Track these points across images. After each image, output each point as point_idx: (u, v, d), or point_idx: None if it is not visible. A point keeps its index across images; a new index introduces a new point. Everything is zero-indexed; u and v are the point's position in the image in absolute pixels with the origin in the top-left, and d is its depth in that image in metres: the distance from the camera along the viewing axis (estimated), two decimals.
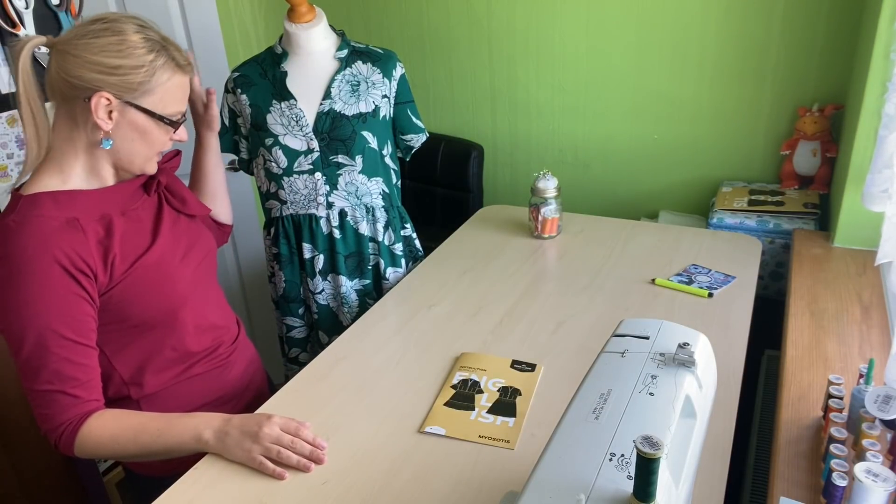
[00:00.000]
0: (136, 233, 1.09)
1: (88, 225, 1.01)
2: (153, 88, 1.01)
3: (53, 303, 0.96)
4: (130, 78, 0.98)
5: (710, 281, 1.47)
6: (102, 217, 1.04)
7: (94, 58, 0.96)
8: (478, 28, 2.25)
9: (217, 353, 1.21)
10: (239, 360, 1.26)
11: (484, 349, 1.30)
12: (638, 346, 0.76)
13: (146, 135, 1.04)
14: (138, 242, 1.08)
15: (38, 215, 0.98)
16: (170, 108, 1.04)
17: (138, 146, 1.05)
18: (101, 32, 0.97)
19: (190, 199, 1.21)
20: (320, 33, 1.53)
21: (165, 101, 1.03)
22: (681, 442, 0.68)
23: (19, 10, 1.66)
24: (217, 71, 2.28)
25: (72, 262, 0.97)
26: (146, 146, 1.05)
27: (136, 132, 1.03)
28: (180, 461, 1.06)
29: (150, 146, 1.06)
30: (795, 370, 1.19)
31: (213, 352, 1.20)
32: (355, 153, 1.55)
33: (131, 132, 1.03)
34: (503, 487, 0.96)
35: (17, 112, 1.71)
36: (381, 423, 1.11)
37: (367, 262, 1.65)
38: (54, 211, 0.99)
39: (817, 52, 1.85)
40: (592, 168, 2.26)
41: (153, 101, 1.02)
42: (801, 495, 0.92)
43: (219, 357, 1.21)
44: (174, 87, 1.03)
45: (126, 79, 0.98)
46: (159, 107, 1.03)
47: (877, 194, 1.34)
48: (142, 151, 1.06)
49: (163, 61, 1.01)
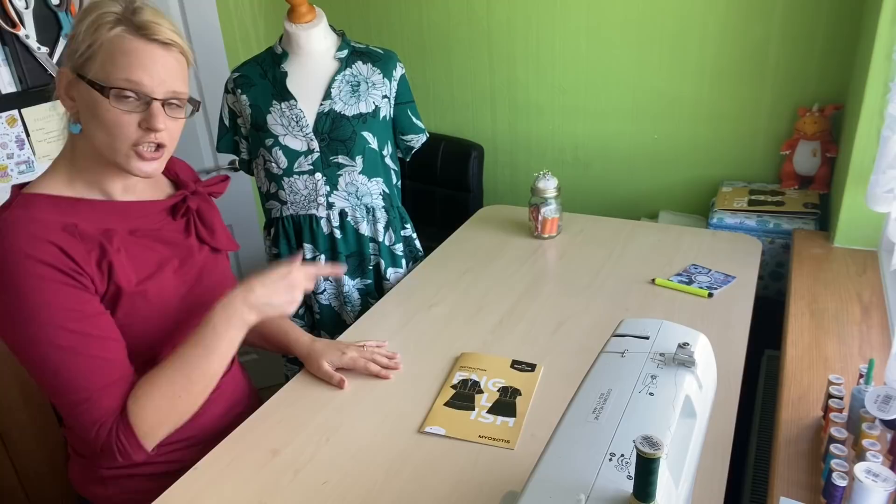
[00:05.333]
0: (142, 257, 0.99)
1: (87, 234, 0.93)
2: (94, 51, 0.87)
3: (50, 300, 0.88)
4: (76, 43, 0.88)
5: (710, 281, 1.47)
6: (105, 231, 0.95)
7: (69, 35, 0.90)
8: (478, 28, 2.25)
9: None
10: (219, 399, 1.11)
11: (484, 349, 1.30)
12: (638, 346, 0.76)
13: (96, 113, 0.89)
14: (141, 267, 0.99)
15: (30, 218, 0.90)
16: (114, 74, 0.87)
17: (96, 130, 0.91)
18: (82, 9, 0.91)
19: (219, 231, 1.11)
20: (320, 33, 1.53)
21: (105, 65, 0.87)
22: (681, 442, 0.68)
23: (19, 10, 1.66)
24: (217, 71, 2.28)
25: (62, 262, 0.89)
26: (102, 130, 0.90)
27: (88, 111, 0.90)
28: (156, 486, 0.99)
29: (106, 130, 0.90)
30: (795, 370, 1.19)
31: None
32: (355, 153, 1.55)
33: (85, 111, 0.90)
34: (503, 487, 0.96)
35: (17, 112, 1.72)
36: (381, 423, 1.11)
37: (367, 262, 1.65)
38: (51, 214, 0.92)
39: (817, 52, 1.85)
40: (592, 168, 2.26)
41: (93, 66, 0.88)
42: (801, 495, 0.92)
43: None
44: (118, 50, 0.87)
45: (73, 45, 0.88)
46: (100, 74, 0.88)
47: (881, 195, 1.34)
48: (102, 138, 0.91)
49: (110, 19, 0.87)
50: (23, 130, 1.72)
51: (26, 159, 1.73)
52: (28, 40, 1.68)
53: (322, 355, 1.24)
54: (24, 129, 1.72)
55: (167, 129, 0.94)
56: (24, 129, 1.72)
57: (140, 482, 1.05)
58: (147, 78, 0.89)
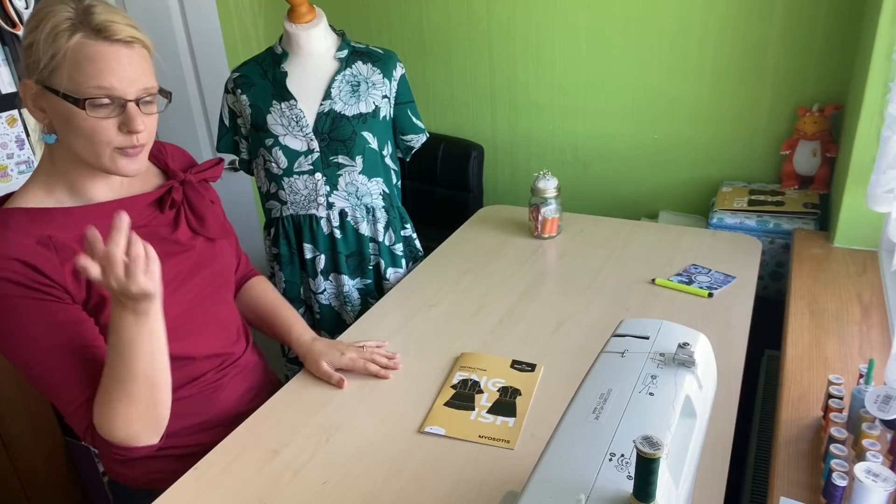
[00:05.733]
0: None
1: (63, 244, 0.92)
2: (58, 62, 0.86)
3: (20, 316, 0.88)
4: (36, 54, 0.86)
5: (710, 281, 1.47)
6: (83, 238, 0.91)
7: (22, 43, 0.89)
8: (478, 28, 2.25)
9: (207, 377, 1.12)
10: (236, 384, 1.16)
11: (484, 349, 1.30)
12: (638, 346, 0.76)
13: (72, 124, 0.88)
14: None
15: (2, 238, 0.89)
16: (84, 83, 0.86)
17: (74, 139, 0.90)
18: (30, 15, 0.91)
19: (210, 220, 1.09)
20: (320, 33, 1.53)
21: (73, 75, 0.86)
22: (681, 442, 0.68)
23: (19, 9, 1.66)
24: (217, 71, 2.28)
25: (28, 277, 0.88)
26: (82, 138, 0.89)
27: (62, 122, 0.89)
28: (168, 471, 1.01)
29: (85, 138, 0.89)
30: (795, 370, 1.19)
31: (201, 377, 1.11)
32: (355, 153, 1.55)
33: (60, 122, 0.90)
34: (503, 487, 0.96)
35: (17, 112, 1.72)
36: (381, 423, 1.11)
37: (367, 262, 1.65)
38: (24, 229, 0.91)
39: (817, 52, 1.85)
40: (592, 168, 2.26)
41: (61, 78, 0.87)
42: (801, 495, 0.92)
43: (207, 381, 1.12)
44: (82, 57, 0.86)
45: (33, 57, 0.87)
46: (70, 85, 0.87)
47: (881, 195, 1.34)
48: (83, 145, 0.90)
49: (66, 27, 0.85)
50: (23, 130, 1.72)
51: (26, 159, 1.74)
52: None
53: (321, 355, 1.24)
54: (24, 129, 1.72)
55: (146, 126, 0.93)
56: (24, 129, 1.72)
57: (162, 463, 1.08)
58: (117, 81, 0.88)
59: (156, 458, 1.05)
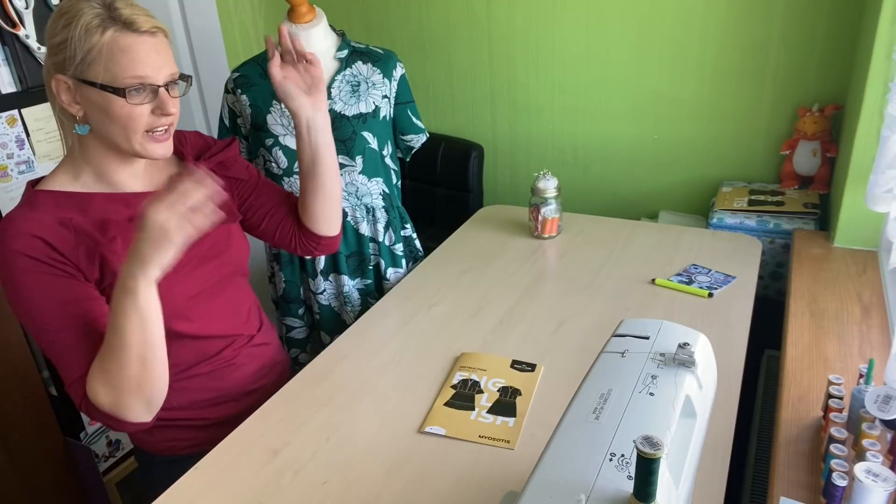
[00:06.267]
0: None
1: (80, 227, 0.99)
2: (94, 57, 0.92)
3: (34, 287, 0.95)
4: (70, 51, 0.92)
5: (710, 281, 1.47)
6: (101, 223, 1.01)
7: (48, 42, 0.94)
8: (478, 28, 2.25)
9: (221, 355, 1.18)
10: (249, 362, 1.23)
11: (484, 349, 1.30)
12: (638, 346, 0.76)
13: (109, 112, 0.95)
14: None
15: (23, 216, 0.96)
16: (121, 74, 0.93)
17: (110, 126, 0.97)
18: (54, 15, 0.94)
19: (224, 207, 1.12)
20: (320, 33, 1.53)
21: (109, 67, 0.93)
22: (681, 442, 0.68)
23: (19, 10, 1.66)
24: (217, 71, 2.28)
25: (44, 254, 0.95)
26: (118, 125, 0.96)
27: (99, 111, 0.96)
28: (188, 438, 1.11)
29: (122, 125, 0.96)
30: (795, 370, 1.19)
31: (214, 355, 1.17)
32: (355, 154, 1.55)
33: (95, 112, 0.96)
34: (503, 487, 0.96)
35: (17, 112, 1.72)
36: (381, 423, 1.11)
37: (367, 262, 1.65)
38: (48, 210, 0.98)
39: (817, 52, 1.85)
40: (592, 168, 2.26)
41: (97, 70, 0.93)
42: (801, 495, 0.92)
43: (222, 359, 1.19)
44: (117, 50, 0.92)
45: (67, 53, 0.92)
46: (107, 76, 0.93)
47: (880, 195, 1.34)
48: (118, 132, 0.97)
49: (97, 23, 0.92)
50: (23, 130, 1.72)
51: (26, 159, 1.73)
52: (28, 40, 1.68)
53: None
54: (24, 129, 1.72)
55: (175, 108, 1.01)
56: (24, 129, 1.72)
57: (178, 432, 1.18)
58: (150, 70, 0.95)
59: (171, 426, 1.16)
